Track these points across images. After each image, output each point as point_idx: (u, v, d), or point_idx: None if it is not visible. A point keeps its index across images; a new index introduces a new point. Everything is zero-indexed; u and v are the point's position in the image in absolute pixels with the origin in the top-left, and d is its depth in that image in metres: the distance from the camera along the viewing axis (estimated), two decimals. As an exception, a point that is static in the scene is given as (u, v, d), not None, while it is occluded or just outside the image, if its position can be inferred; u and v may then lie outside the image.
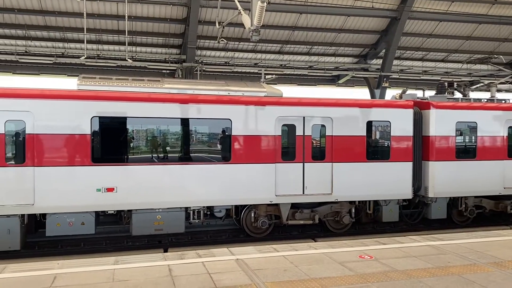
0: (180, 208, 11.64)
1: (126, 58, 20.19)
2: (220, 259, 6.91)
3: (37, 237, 11.81)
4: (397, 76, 26.61)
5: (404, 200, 13.75)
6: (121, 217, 11.78)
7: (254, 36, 11.43)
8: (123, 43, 21.50)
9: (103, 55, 22.35)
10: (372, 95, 26.34)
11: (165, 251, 11.71)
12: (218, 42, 15.17)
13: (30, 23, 20.75)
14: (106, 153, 10.99)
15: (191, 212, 11.90)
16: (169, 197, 11.33)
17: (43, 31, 21.13)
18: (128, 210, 11.41)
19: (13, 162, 10.29)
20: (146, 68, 23.53)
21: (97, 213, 11.31)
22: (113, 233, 12.67)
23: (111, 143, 11.04)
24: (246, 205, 12.41)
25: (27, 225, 10.97)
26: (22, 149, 10.35)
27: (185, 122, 11.53)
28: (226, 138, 11.85)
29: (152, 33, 22.33)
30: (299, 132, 12.44)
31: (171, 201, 11.39)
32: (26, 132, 10.34)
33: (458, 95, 15.20)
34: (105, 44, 22.41)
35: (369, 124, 13.02)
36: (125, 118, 11.06)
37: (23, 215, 10.56)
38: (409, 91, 15.15)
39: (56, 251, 11.39)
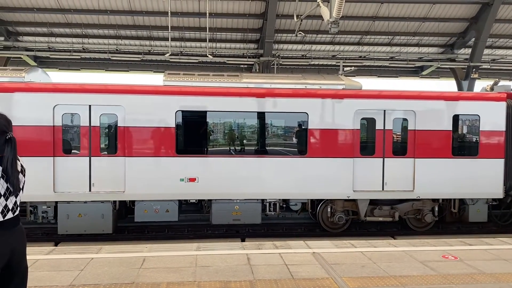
0: (257, 200, 11.91)
1: (207, 54, 20.96)
2: (297, 251, 6.99)
3: (126, 222, 12.78)
4: (488, 66, 24.67)
5: (494, 200, 12.79)
6: (202, 206, 12.34)
7: (333, 28, 11.28)
8: (204, 40, 22.34)
9: (185, 52, 23.40)
10: (460, 87, 24.68)
11: (242, 240, 12.06)
12: (296, 36, 15.18)
13: (120, 23, 22.32)
14: (189, 145, 11.56)
15: (267, 204, 12.12)
16: (246, 189, 11.63)
17: (132, 30, 22.62)
18: (208, 200, 11.91)
19: (107, 153, 11.21)
20: (225, 63, 24.22)
21: (180, 202, 11.95)
22: (194, 221, 13.31)
23: (193, 135, 11.59)
24: (322, 199, 12.35)
25: (118, 211, 11.91)
26: (114, 140, 11.24)
27: (261, 115, 11.74)
28: (302, 132, 11.87)
29: (231, 29, 22.92)
30: (379, 126, 12.09)
31: (248, 193, 11.69)
32: (118, 125, 11.21)
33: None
34: (187, 41, 23.44)
35: (456, 118, 12.27)
36: (205, 112, 11.53)
37: (115, 202, 11.49)
38: (501, 82, 13.99)
39: (143, 236, 12.25)
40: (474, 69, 23.30)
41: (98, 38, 23.05)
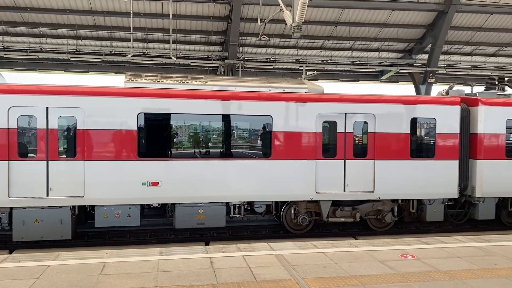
0: (221, 203, 11.87)
1: (170, 56, 20.72)
2: (260, 253, 7.02)
3: (86, 228, 12.41)
4: (444, 72, 25.70)
5: (450, 200, 13.32)
6: (165, 210, 12.16)
7: (296, 33, 11.43)
8: (167, 41, 22.08)
9: (148, 53, 23.05)
10: (417, 91, 25.60)
11: (207, 244, 11.99)
12: (260, 39, 15.26)
13: (80, 23, 21.72)
14: (151, 148, 11.38)
15: (232, 207, 12.11)
16: (210, 192, 11.58)
17: (93, 30, 22.06)
18: (172, 204, 11.76)
19: (65, 156, 10.86)
20: (189, 66, 24.05)
21: (142, 206, 11.73)
22: (157, 225, 13.10)
23: (156, 138, 11.42)
24: (286, 201, 12.47)
25: (77, 216, 11.55)
26: (73, 143, 10.91)
27: (226, 118, 11.73)
28: (266, 134, 11.95)
29: (195, 31, 22.78)
30: (340, 129, 12.34)
31: (213, 196, 11.64)
32: (77, 127, 10.89)
33: (509, 91, 14.50)
34: (150, 42, 23.11)
35: (414, 121, 12.71)
36: (169, 114, 11.39)
37: (74, 207, 11.14)
38: (456, 87, 14.63)
39: (104, 242, 11.92)
40: (431, 74, 24.22)
41: (57, 38, 22.33)
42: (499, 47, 25.31)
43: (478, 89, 14.83)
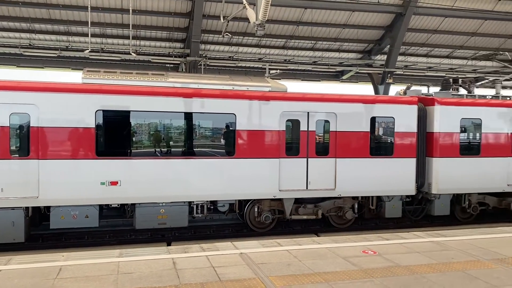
0: (184, 202, 11.68)
1: (130, 52, 20.19)
2: (224, 253, 6.94)
3: (41, 230, 11.88)
4: (402, 72, 26.48)
5: (408, 196, 13.74)
6: (125, 211, 11.83)
7: (259, 31, 11.41)
8: (127, 37, 21.49)
9: (107, 49, 22.34)
10: (376, 91, 26.25)
11: (168, 245, 11.77)
12: (223, 37, 15.15)
13: (34, 16, 20.74)
14: (110, 147, 11.02)
15: (195, 206, 11.94)
16: (172, 191, 11.36)
17: (47, 24, 21.12)
18: (132, 204, 11.45)
19: (18, 155, 10.33)
20: (150, 62, 23.52)
21: (101, 207, 11.35)
22: (117, 226, 12.73)
23: (115, 136, 11.07)
24: (250, 199, 12.44)
25: (31, 218, 11.02)
26: (26, 142, 10.39)
27: (189, 116, 11.54)
28: (230, 133, 11.86)
29: (156, 27, 22.29)
30: (303, 127, 12.43)
31: (175, 195, 11.43)
32: (31, 125, 10.38)
33: (463, 91, 15.14)
34: (109, 38, 22.40)
35: (373, 120, 13.00)
36: (128, 112, 11.07)
37: (27, 208, 10.62)
38: (413, 87, 15.10)
39: (60, 244, 11.46)
40: (389, 75, 24.89)
41: (9, 32, 21.21)
42: (453, 49, 26.35)
43: (435, 89, 15.38)
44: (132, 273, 5.98)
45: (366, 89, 30.42)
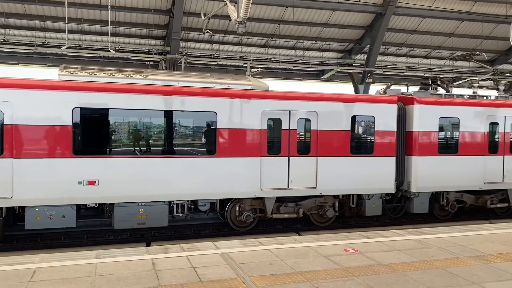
0: (164, 201, 11.50)
1: (109, 49, 19.80)
2: (205, 253, 6.82)
3: (15, 231, 11.53)
4: (381, 72, 26.77)
5: (387, 195, 13.86)
6: (103, 211, 11.59)
7: (240, 28, 11.32)
8: (105, 34, 21.11)
9: (85, 46, 21.88)
10: (356, 91, 26.46)
11: (148, 245, 11.58)
12: (203, 34, 14.99)
13: (8, 11, 20.15)
14: (88, 145, 10.76)
15: (175, 206, 11.77)
16: (152, 191, 11.17)
17: (23, 19, 20.55)
18: (110, 204, 11.22)
19: (-9, 154, 9.98)
20: (129, 59, 23.16)
21: (78, 206, 11.09)
22: (95, 226, 12.46)
23: (93, 135, 10.81)
24: (231, 199, 12.34)
25: (5, 219, 10.68)
26: (0, 140, 10.05)
27: (169, 114, 11.36)
28: (211, 131, 11.73)
29: (135, 23, 21.95)
30: (284, 126, 12.40)
31: (154, 195, 11.24)
32: (4, 122, 10.04)
33: (441, 91, 15.36)
34: (87, 34, 21.96)
35: (354, 118, 13.06)
36: (107, 109, 10.83)
37: (1, 208, 10.28)
38: (393, 87, 15.24)
39: (36, 245, 11.14)
40: (369, 74, 25.12)
41: (-19, 26, 20.58)
42: (431, 49, 26.77)
43: (414, 89, 15.57)
44: (110, 275, 5.82)
45: (346, 88, 30.64)
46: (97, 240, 11.79)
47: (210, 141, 11.73)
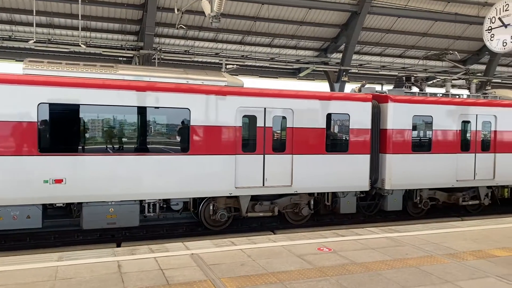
0: (135, 201, 11.16)
1: (80, 44, 19.17)
2: (174, 254, 6.56)
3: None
4: (356, 71, 26.90)
5: (362, 192, 13.87)
6: (71, 210, 11.16)
7: (214, 23, 11.07)
8: (76, 28, 20.43)
9: (54, 40, 21.14)
10: (332, 89, 26.51)
11: (118, 245, 11.22)
12: (177, 29, 14.64)
13: (-28, 2, 19.29)
14: (55, 142, 10.31)
15: (146, 205, 11.44)
16: (122, 190, 10.81)
17: (-13, 11, 19.70)
18: (78, 203, 10.80)
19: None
20: (101, 55, 22.51)
21: (45, 206, 10.63)
22: (63, 227, 12.00)
23: (60, 131, 10.36)
24: (205, 197, 12.09)
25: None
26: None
27: (140, 110, 11.01)
28: (184, 129, 11.45)
29: (108, 18, 21.33)
30: (260, 123, 12.22)
31: (125, 194, 10.88)
32: (-36, 118, 9.51)
33: (415, 89, 15.47)
34: (57, 28, 21.21)
35: (329, 116, 12.99)
36: (75, 105, 10.40)
37: (-40, 209, 9.76)
38: (367, 85, 15.26)
39: (-2, 247, 10.63)
40: (344, 73, 25.20)
41: None
42: (405, 49, 27.08)
43: (389, 87, 15.63)
44: (71, 279, 5.50)
45: (322, 87, 30.69)
46: (65, 241, 11.36)
47: (183, 138, 11.44)
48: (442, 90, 16.58)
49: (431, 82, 15.85)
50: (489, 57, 27.99)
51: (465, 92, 16.96)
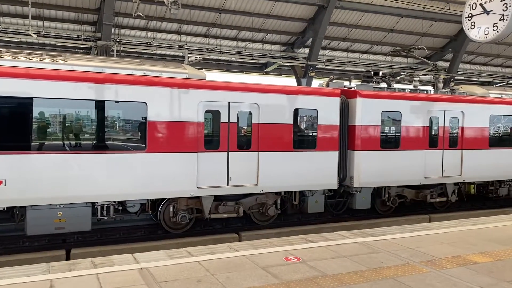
0: (86, 203, 10.18)
1: (30, 33, 17.76)
2: (120, 269, 5.70)
3: None
4: (323, 66, 26.54)
5: (330, 191, 13.38)
6: (14, 214, 10.06)
7: (173, 10, 10.23)
8: (26, 16, 18.94)
9: (3, 29, 19.56)
10: (299, 85, 26.04)
11: (68, 252, 10.23)
12: (134, 17, 13.62)
13: None
14: (-8, 140, 9.18)
15: (99, 207, 10.48)
16: (72, 191, 9.81)
17: None
18: (21, 207, 9.73)
19: None
20: (56, 46, 21.07)
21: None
22: (5, 232, 10.87)
23: (-3, 127, 9.24)
24: (164, 198, 11.23)
25: None
26: None
27: (90, 105, 10.01)
28: (140, 124, 10.54)
29: (62, 6, 19.91)
30: (223, 119, 11.46)
31: (75, 196, 9.89)
32: None
33: (383, 85, 15.12)
34: (5, 17, 19.63)
35: (296, 112, 12.39)
36: (13, 98, 9.29)
37: None
38: (335, 81, 14.78)
39: None
40: (311, 68, 24.75)
41: None
42: (371, 44, 26.92)
43: (357, 83, 15.20)
44: (-9, 305, 4.60)
45: (289, 82, 30.23)
46: (8, 248, 10.25)
47: (139, 135, 10.53)
48: (410, 86, 16.34)
49: (400, 77, 15.55)
50: (453, 54, 28.29)
51: (432, 88, 16.79)
